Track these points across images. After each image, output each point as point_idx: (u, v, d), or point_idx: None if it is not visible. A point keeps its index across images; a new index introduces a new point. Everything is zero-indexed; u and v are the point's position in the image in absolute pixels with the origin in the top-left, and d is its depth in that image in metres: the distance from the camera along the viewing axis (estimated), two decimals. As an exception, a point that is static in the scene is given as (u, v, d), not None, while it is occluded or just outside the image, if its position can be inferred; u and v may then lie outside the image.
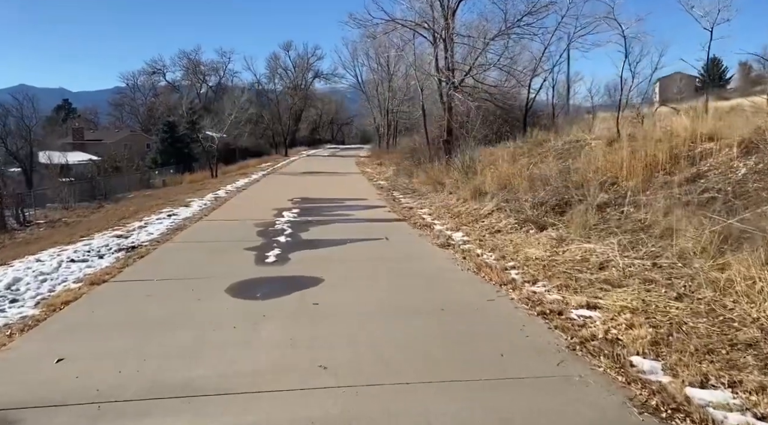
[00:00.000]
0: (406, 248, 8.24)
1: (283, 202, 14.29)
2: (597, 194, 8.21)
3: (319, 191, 17.59)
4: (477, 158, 14.75)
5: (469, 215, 10.80)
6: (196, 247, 8.54)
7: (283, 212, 12.18)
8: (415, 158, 21.19)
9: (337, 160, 41.56)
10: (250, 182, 21.65)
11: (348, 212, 12.37)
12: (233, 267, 6.98)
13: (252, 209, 13.25)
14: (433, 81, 19.48)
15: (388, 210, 12.74)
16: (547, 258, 6.91)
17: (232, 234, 9.56)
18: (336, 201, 14.71)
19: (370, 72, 39.85)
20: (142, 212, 13.55)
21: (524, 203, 9.81)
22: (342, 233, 9.57)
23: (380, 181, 21.13)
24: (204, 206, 14.09)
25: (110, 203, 23.29)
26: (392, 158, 28.38)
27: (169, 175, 35.13)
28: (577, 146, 12.36)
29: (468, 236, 9.06)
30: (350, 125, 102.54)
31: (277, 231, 9.75)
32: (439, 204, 13.14)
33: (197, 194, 17.49)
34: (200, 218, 11.62)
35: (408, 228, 10.20)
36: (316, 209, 12.97)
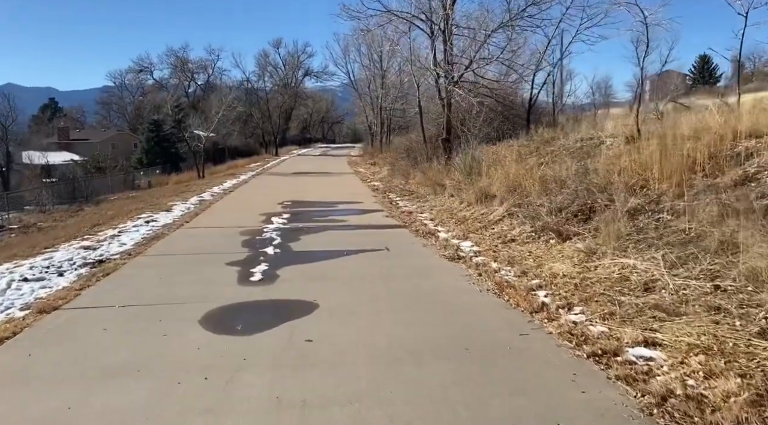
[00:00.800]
0: (411, 262, 7.26)
1: (272, 206, 13.26)
2: (626, 199, 7.26)
3: (311, 193, 16.57)
4: (480, 157, 13.80)
5: (476, 221, 9.84)
6: (171, 261, 7.50)
7: (272, 218, 11.16)
8: (411, 157, 20.19)
9: (329, 159, 40.50)
10: (238, 184, 20.58)
11: (342, 218, 11.37)
12: (212, 288, 5.96)
13: (238, 214, 12.21)
14: (431, 76, 18.49)
15: (386, 215, 11.75)
16: (577, 275, 5.95)
17: (215, 245, 8.53)
18: (329, 205, 13.69)
19: (362, 69, 38.82)
20: (119, 217, 12.47)
21: (539, 208, 8.85)
22: (337, 243, 8.57)
23: (375, 182, 20.14)
24: (187, 210, 13.03)
25: (91, 205, 22.13)
26: (386, 158, 27.37)
27: (155, 175, 33.90)
28: (590, 145, 11.43)
29: (478, 247, 8.10)
30: (341, 123, 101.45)
31: (264, 241, 8.74)
32: (441, 208, 12.18)
33: (181, 196, 16.41)
34: (181, 225, 10.57)
35: (410, 236, 9.22)
36: (307, 214, 11.96)
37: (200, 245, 8.50)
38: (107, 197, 24.87)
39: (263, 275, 6.53)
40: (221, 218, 11.55)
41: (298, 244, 8.57)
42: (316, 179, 22.68)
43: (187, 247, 8.40)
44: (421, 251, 8.00)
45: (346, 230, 9.89)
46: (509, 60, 16.39)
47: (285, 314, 5.04)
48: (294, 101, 72.91)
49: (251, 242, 8.68)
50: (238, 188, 19.01)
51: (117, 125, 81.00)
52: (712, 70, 70.82)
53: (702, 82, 59.01)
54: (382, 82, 31.72)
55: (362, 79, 40.29)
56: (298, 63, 71.98)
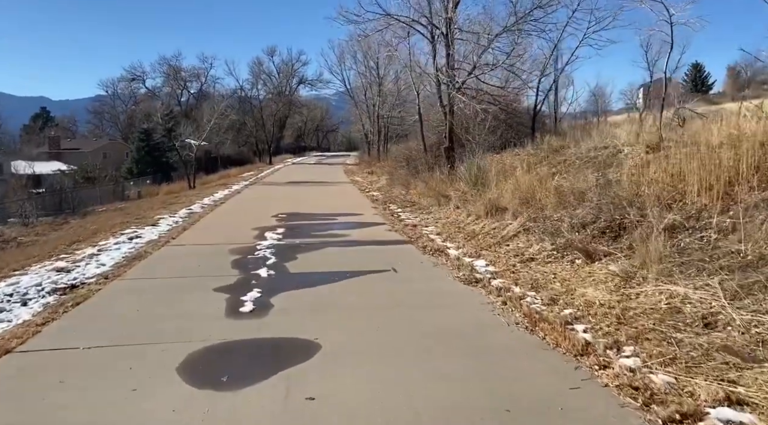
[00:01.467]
0: (423, 286, 6.46)
1: (266, 219, 12.44)
2: (660, 214, 6.50)
3: (308, 204, 15.76)
4: (486, 167, 13.05)
5: (487, 237, 9.06)
6: (152, 287, 6.67)
7: (266, 233, 10.35)
8: (411, 166, 19.45)
9: (325, 168, 39.72)
10: (230, 194, 19.75)
11: (342, 232, 10.57)
12: (196, 322, 5.14)
13: (229, 228, 11.38)
14: (431, 83, 17.80)
15: (389, 229, 10.96)
16: (616, 304, 5.18)
17: (202, 266, 7.70)
18: (327, 217, 12.89)
19: (358, 76, 38.12)
20: (101, 232, 11.61)
21: (557, 222, 8.10)
22: (338, 263, 7.77)
23: (373, 192, 19.36)
24: (174, 224, 12.19)
25: (77, 218, 21.24)
26: (384, 167, 26.63)
27: (145, 185, 32.97)
28: (606, 154, 10.70)
29: (495, 266, 7.31)
30: (336, 131, 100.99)
31: (257, 261, 7.92)
32: (447, 221, 11.40)
33: (170, 208, 15.57)
34: (166, 242, 9.73)
35: (417, 254, 8.42)
36: (304, 228, 11.15)
37: (186, 267, 7.66)
38: (95, 209, 23.95)
39: (255, 304, 5.71)
40: (210, 234, 10.72)
41: (295, 264, 7.75)
42: (312, 189, 21.88)
43: (171, 269, 7.56)
44: (432, 272, 7.20)
45: (347, 247, 9.08)
46: (513, 66, 15.69)
47: (280, 358, 4.23)
48: (288, 109, 72.27)
49: (242, 262, 7.85)
50: (230, 199, 18.17)
51: (109, 134, 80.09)
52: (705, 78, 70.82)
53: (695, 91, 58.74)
54: (379, 89, 31.03)
55: (358, 86, 39.65)
56: (292, 71, 71.39)
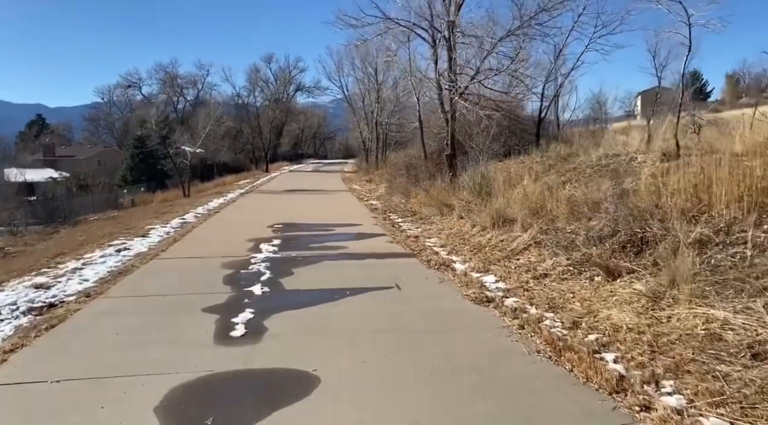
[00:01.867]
0: (430, 305, 5.95)
1: (261, 229, 11.93)
2: (687, 228, 6.01)
3: (305, 213, 15.25)
4: (490, 175, 12.58)
5: (495, 250, 8.57)
6: (136, 306, 6.14)
7: (261, 245, 9.84)
8: (411, 174, 18.97)
9: (322, 176, 39.25)
10: (225, 203, 19.23)
11: (341, 244, 10.06)
12: (181, 348, 4.63)
13: (223, 240, 10.86)
14: (431, 88, 17.37)
15: (390, 240, 10.46)
16: (646, 328, 4.69)
17: (191, 282, 7.18)
18: (325, 227, 12.38)
19: (356, 83, 37.73)
20: (88, 244, 11.10)
21: (571, 235, 7.62)
22: (337, 278, 7.27)
23: (372, 200, 18.88)
24: (165, 235, 11.66)
25: (68, 227, 20.68)
26: (383, 174, 26.17)
27: (139, 193, 32.45)
28: (618, 162, 10.24)
29: (506, 283, 6.82)
30: (333, 139, 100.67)
31: (251, 276, 7.40)
32: (450, 232, 10.92)
33: (162, 218, 15.04)
34: (156, 256, 9.20)
35: (421, 268, 7.92)
36: (301, 240, 10.64)
37: (174, 283, 7.13)
38: (87, 218, 23.38)
39: (247, 327, 5.19)
40: (203, 246, 10.19)
41: (291, 280, 7.24)
42: (310, 198, 21.38)
43: (159, 285, 7.04)
44: (439, 289, 6.70)
45: (346, 261, 8.57)
46: (517, 71, 15.26)
47: (275, 395, 3.71)
48: (285, 117, 71.89)
49: (235, 278, 7.34)
50: (224, 208, 17.65)
51: (105, 141, 79.59)
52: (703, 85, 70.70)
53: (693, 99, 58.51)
54: (377, 96, 30.60)
55: (356, 93, 39.26)
56: (289, 78, 71.14)
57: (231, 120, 53.12)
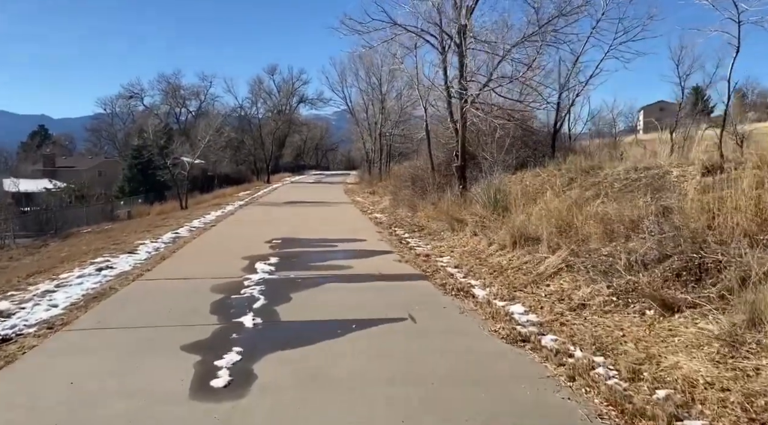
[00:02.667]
0: (452, 343, 5.00)
1: (258, 245, 11.00)
2: (758, 253, 5.07)
3: (306, 227, 14.32)
4: (506, 188, 11.67)
5: (519, 273, 7.63)
6: (103, 342, 5.20)
7: (257, 264, 8.91)
8: (417, 186, 18.06)
9: (324, 187, 38.38)
10: (222, 216, 18.31)
11: (345, 263, 9.12)
12: (147, 406, 3.69)
13: (215, 258, 9.93)
14: (439, 97, 16.52)
15: (398, 259, 9.52)
16: (731, 385, 3.73)
17: (173, 310, 6.23)
18: (327, 243, 11.45)
19: (359, 94, 36.96)
20: (69, 261, 10.18)
21: (609, 258, 6.67)
22: (341, 305, 6.33)
23: (376, 214, 17.96)
24: (155, 251, 10.74)
25: (58, 240, 19.79)
26: (387, 186, 25.28)
27: (137, 205, 31.55)
28: (651, 176, 9.31)
29: (537, 315, 5.88)
30: (335, 150, 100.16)
31: (242, 303, 6.46)
32: (464, 250, 9.99)
33: (155, 232, 14.13)
34: (140, 276, 8.27)
35: (436, 293, 6.98)
36: (301, 258, 9.70)
37: (154, 311, 6.19)
38: (80, 230, 22.49)
39: (232, 374, 4.24)
40: (193, 265, 9.24)
41: (288, 308, 6.29)
42: (311, 210, 20.46)
43: (135, 314, 6.09)
44: (460, 322, 5.74)
45: (351, 284, 7.63)
46: (531, 79, 14.39)
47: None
48: (288, 128, 71.24)
49: (224, 305, 6.40)
50: (221, 221, 16.73)
51: (107, 152, 78.95)
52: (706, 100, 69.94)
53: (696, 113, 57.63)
54: (381, 106, 29.78)
55: (360, 104, 38.51)
56: (292, 90, 70.50)
57: (233, 131, 52.42)
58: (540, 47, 12.79)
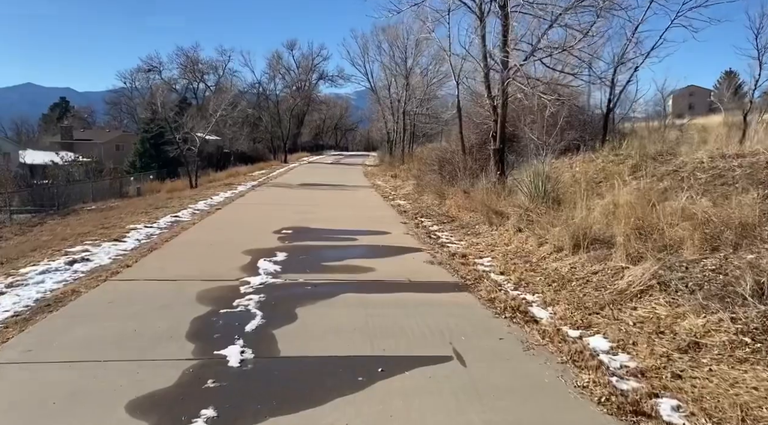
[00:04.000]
0: (526, 412, 3.38)
1: (264, 236, 9.47)
2: None
3: (321, 214, 12.74)
4: (555, 176, 9.94)
5: (588, 287, 5.96)
6: (12, 389, 3.68)
7: (260, 262, 7.36)
8: (445, 171, 16.34)
9: (342, 169, 36.75)
10: (231, 197, 16.81)
11: (365, 264, 7.51)
12: None
13: (213, 251, 8.39)
14: (475, 69, 14.71)
15: (429, 259, 7.89)
16: None
17: (140, 331, 4.69)
18: (345, 236, 9.85)
19: (382, 69, 34.94)
20: (44, 248, 8.73)
21: (719, 275, 4.98)
22: (363, 333, 4.74)
23: (399, 200, 16.31)
24: (145, 240, 9.26)
25: (58, 217, 18.49)
26: (410, 170, 23.59)
27: (148, 181, 30.27)
28: (748, 165, 7.51)
29: (633, 357, 4.25)
30: (355, 130, 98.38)
31: (232, 321, 4.91)
32: (507, 250, 8.33)
33: (153, 214, 12.68)
34: (115, 274, 6.76)
35: (485, 315, 5.35)
36: (313, 254, 8.13)
37: (111, 334, 4.65)
38: (83, 207, 21.21)
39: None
40: (184, 260, 7.72)
41: (291, 334, 4.71)
42: (328, 194, 18.87)
43: (83, 338, 4.56)
44: (529, 367, 4.11)
45: (374, 295, 6.02)
46: (583, 50, 12.48)
47: None
48: (307, 106, 69.40)
49: (208, 325, 4.84)
50: (229, 204, 15.22)
51: (126, 126, 78.06)
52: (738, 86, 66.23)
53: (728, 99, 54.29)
54: (405, 82, 27.84)
55: (382, 80, 36.51)
56: (312, 66, 68.41)
57: (250, 107, 50.81)
58: (599, 10, 10.87)
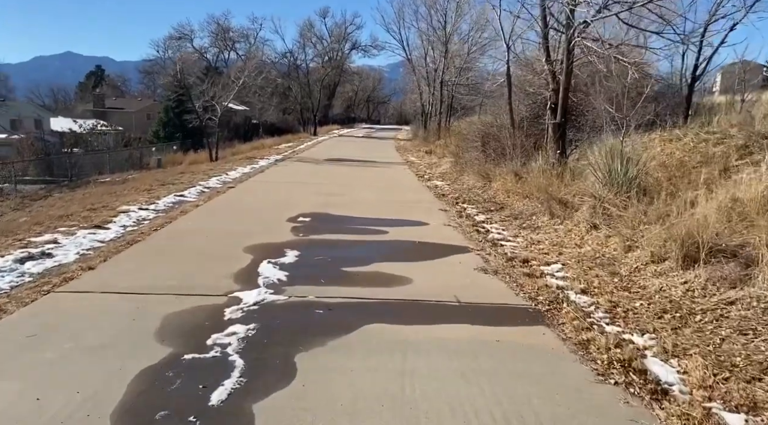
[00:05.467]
0: None
1: (276, 226, 7.77)
2: None
3: (347, 197, 11.00)
4: (642, 160, 7.91)
5: (725, 326, 4.12)
6: None
7: (262, 266, 5.66)
8: (489, 148, 14.33)
9: (373, 143, 34.82)
10: (249, 173, 15.15)
11: (399, 271, 5.71)
12: None
13: (206, 246, 6.71)
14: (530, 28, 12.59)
15: (481, 266, 6.06)
16: None
17: (45, 402, 3.01)
18: (373, 227, 8.07)
19: (418, 35, 32.50)
20: (7, 235, 7.19)
21: None
22: (395, 409, 2.97)
23: (436, 180, 14.43)
24: (132, 227, 7.67)
25: (67, 190, 17.22)
26: (447, 146, 21.56)
27: (171, 153, 28.92)
28: None
29: None
30: (387, 103, 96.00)
31: (194, 380, 3.20)
32: (579, 252, 6.47)
33: (156, 192, 11.12)
34: (68, 280, 5.12)
35: (580, 375, 3.52)
36: (332, 254, 6.37)
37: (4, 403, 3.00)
38: (97, 179, 19.92)
39: None
40: (164, 260, 6.04)
41: (278, 411, 2.97)
42: (356, 172, 17.07)
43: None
44: None
45: (410, 328, 4.22)
46: (663, 6, 10.21)
47: None
48: (339, 76, 67.20)
49: (154, 389, 3.14)
50: (245, 181, 13.57)
51: (159, 95, 77.34)
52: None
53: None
54: (444, 49, 25.50)
55: (418, 48, 34.12)
56: (345, 35, 65.98)
57: (279, 76, 49.03)
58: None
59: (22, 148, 23.41)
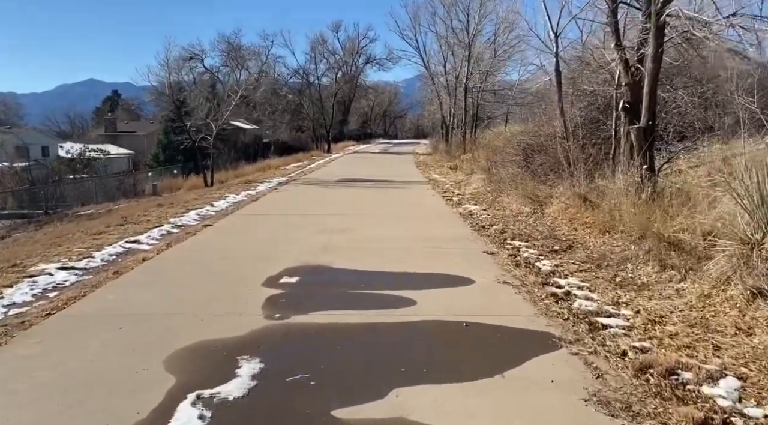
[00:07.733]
0: None
1: (245, 296, 5.05)
2: None
3: (355, 235, 8.25)
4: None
5: None
6: None
7: (179, 409, 2.87)
8: (534, 163, 11.50)
9: (390, 159, 32.12)
10: (240, 203, 12.47)
11: (447, 405, 2.90)
12: None
13: (105, 356, 3.98)
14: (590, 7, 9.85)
15: (596, 391, 3.21)
16: None
17: None
18: (390, 295, 5.27)
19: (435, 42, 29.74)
20: None
21: None
22: None
23: (468, 204, 11.61)
24: (16, 310, 5.00)
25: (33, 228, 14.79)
26: (475, 160, 18.74)
27: (169, 177, 26.54)
28: None
29: None
30: (404, 118, 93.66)
31: None
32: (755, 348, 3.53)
33: (102, 238, 8.53)
34: None
35: None
36: (319, 368, 3.57)
37: None
38: (77, 212, 17.47)
39: None
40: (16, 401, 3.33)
41: None
42: (369, 196, 14.32)
43: None
44: None
45: None
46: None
47: None
48: (353, 92, 64.87)
49: None
50: (230, 214, 10.86)
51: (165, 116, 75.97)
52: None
53: None
54: (468, 52, 22.69)
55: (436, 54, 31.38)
56: (358, 49, 63.72)
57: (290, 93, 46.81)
58: None
59: (2, 177, 21.17)
